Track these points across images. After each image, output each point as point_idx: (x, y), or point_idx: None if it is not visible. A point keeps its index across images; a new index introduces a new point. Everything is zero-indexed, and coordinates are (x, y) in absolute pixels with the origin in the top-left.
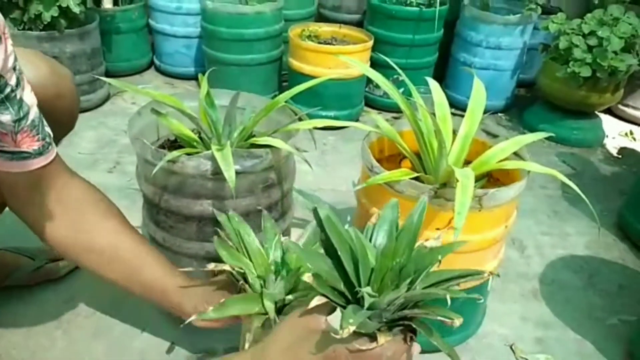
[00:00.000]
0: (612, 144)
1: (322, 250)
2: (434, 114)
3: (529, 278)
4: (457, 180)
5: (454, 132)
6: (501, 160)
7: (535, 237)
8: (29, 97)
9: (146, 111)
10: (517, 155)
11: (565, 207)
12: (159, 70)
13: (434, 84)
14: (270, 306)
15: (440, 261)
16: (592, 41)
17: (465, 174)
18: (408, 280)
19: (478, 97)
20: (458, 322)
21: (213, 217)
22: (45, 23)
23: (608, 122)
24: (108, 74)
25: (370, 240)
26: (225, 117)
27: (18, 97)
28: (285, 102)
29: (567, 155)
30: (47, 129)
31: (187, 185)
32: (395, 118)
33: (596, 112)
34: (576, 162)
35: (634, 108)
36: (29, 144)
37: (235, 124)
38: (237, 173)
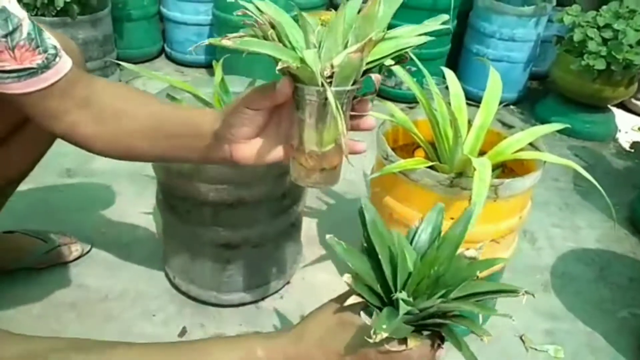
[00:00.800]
0: (625, 139)
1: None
2: (449, 104)
3: (540, 270)
4: (474, 170)
5: (469, 122)
6: (517, 151)
7: (546, 229)
8: (17, 10)
9: (161, 97)
10: (532, 146)
11: (577, 200)
12: (169, 57)
13: (449, 74)
14: (315, 61)
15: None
16: (607, 34)
17: (483, 163)
18: (444, 291)
19: (494, 88)
20: (487, 340)
21: (228, 202)
22: (58, 9)
23: (620, 117)
24: (120, 59)
25: (411, 243)
26: None
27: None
28: None
29: (579, 148)
30: (50, 41)
31: (204, 170)
32: (410, 108)
33: (609, 106)
34: (588, 156)
35: None
36: (31, 59)
37: None
38: None
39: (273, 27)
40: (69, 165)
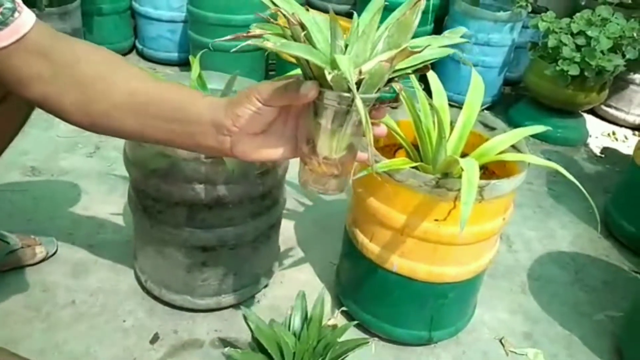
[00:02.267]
0: (595, 144)
1: None
2: (431, 104)
3: (517, 273)
4: (461, 170)
5: (451, 124)
6: (500, 153)
7: (522, 232)
8: None
9: None
10: (514, 148)
11: (551, 204)
12: (141, 54)
13: (431, 75)
14: (348, 66)
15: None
16: (580, 40)
17: (470, 164)
18: (320, 358)
19: (476, 89)
20: None
21: (204, 202)
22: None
23: (591, 122)
24: None
25: (289, 328)
26: None
27: None
28: None
29: (552, 153)
30: None
31: (179, 168)
32: (392, 107)
33: (580, 112)
34: (560, 160)
35: (616, 109)
36: None
37: None
38: None
39: (303, 28)
40: (34, 163)
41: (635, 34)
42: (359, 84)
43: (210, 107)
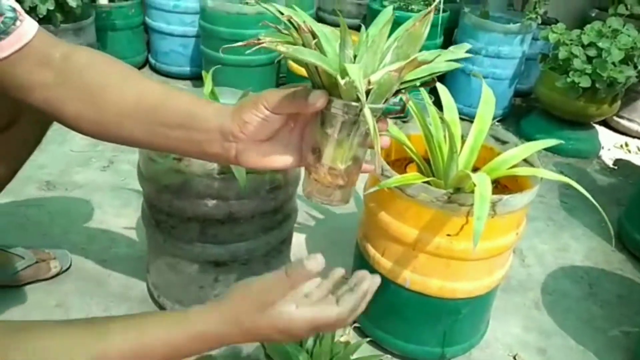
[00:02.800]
0: (608, 156)
1: None
2: (442, 118)
3: (531, 287)
4: (474, 185)
5: (462, 138)
6: (512, 167)
7: (535, 246)
8: None
9: None
10: (526, 162)
11: (564, 217)
12: (153, 68)
13: (442, 88)
14: (359, 75)
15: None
16: (592, 52)
17: (483, 178)
18: None
19: (487, 103)
20: None
21: (217, 218)
22: (41, 16)
23: (603, 134)
24: None
25: (301, 345)
26: None
27: None
28: None
29: (564, 165)
30: (9, 2)
31: (192, 184)
32: (404, 121)
33: (592, 123)
34: (573, 173)
35: (629, 120)
36: None
37: None
38: (246, 173)
39: (314, 36)
40: (49, 177)
41: None
42: (367, 93)
43: (218, 114)
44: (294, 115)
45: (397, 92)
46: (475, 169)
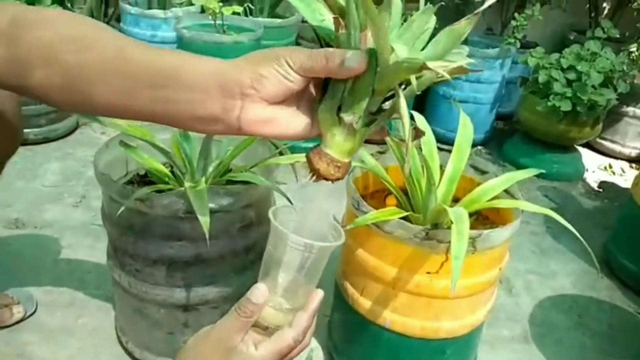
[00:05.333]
0: (592, 178)
1: None
2: (420, 149)
3: (519, 320)
4: (451, 222)
5: (441, 168)
6: (492, 199)
7: (522, 275)
8: None
9: (115, 143)
10: (507, 192)
11: (550, 243)
12: None
13: (419, 119)
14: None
15: None
16: (571, 75)
17: (460, 214)
18: None
19: (465, 132)
20: None
21: (184, 260)
22: None
23: (587, 156)
24: None
25: None
26: (200, 151)
27: None
28: None
29: (549, 189)
30: None
31: (157, 225)
32: (380, 152)
33: (575, 146)
34: (558, 197)
35: (612, 142)
36: None
37: (211, 158)
38: (212, 212)
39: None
40: (18, 215)
41: (625, 67)
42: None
43: (216, 68)
44: (316, 80)
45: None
46: (455, 200)
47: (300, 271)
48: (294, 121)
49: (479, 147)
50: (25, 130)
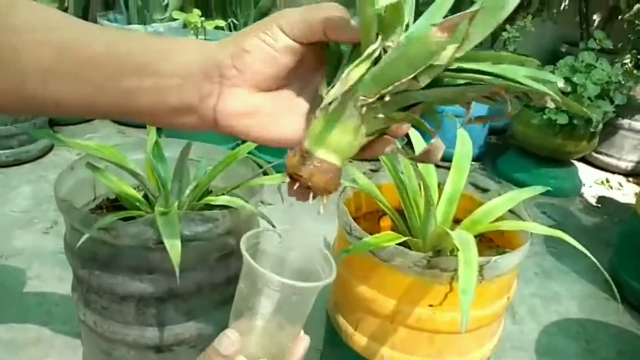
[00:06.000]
0: (590, 193)
1: None
2: (416, 166)
3: (524, 348)
4: (455, 248)
5: (439, 186)
6: (496, 220)
7: (526, 299)
8: None
9: (81, 165)
10: (512, 212)
11: (552, 264)
12: None
13: (414, 133)
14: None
15: None
16: (566, 88)
17: (466, 240)
18: None
19: (463, 148)
20: None
21: (155, 295)
22: None
23: (583, 170)
24: (53, 122)
25: None
26: (175, 172)
27: None
28: (249, 153)
29: (547, 205)
30: None
31: (124, 257)
32: (373, 170)
33: (571, 160)
34: (556, 213)
35: (608, 155)
36: None
37: (187, 180)
38: (187, 240)
39: None
40: None
41: (621, 79)
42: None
43: (202, 51)
44: (315, 52)
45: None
46: (456, 221)
47: (279, 315)
48: (285, 118)
49: (473, 162)
50: None
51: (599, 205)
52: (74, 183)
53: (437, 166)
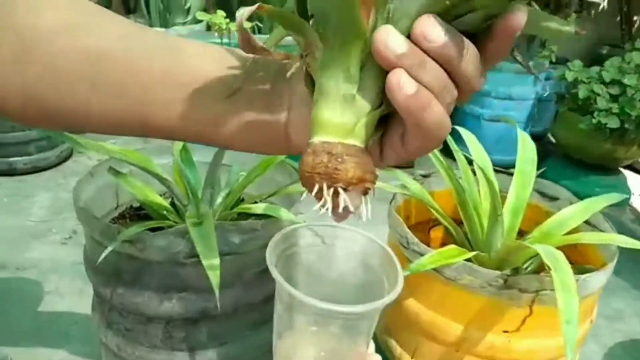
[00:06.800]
0: (639, 203)
1: None
2: (474, 172)
3: None
4: (529, 266)
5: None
6: (570, 232)
7: None
8: None
9: (102, 171)
10: (589, 224)
11: (612, 279)
12: None
13: (469, 136)
14: None
15: None
16: (614, 90)
17: (554, 256)
18: None
19: (526, 152)
20: None
21: (186, 317)
22: None
23: (630, 179)
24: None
25: None
26: (207, 178)
27: None
28: (286, 156)
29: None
30: None
31: (151, 273)
32: (424, 176)
33: (619, 168)
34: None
35: None
36: None
37: (219, 187)
38: (222, 255)
39: None
40: None
41: None
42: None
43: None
44: None
45: None
46: (520, 233)
47: (331, 340)
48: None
49: (512, 170)
50: (13, 159)
51: None
52: (95, 190)
53: (496, 171)
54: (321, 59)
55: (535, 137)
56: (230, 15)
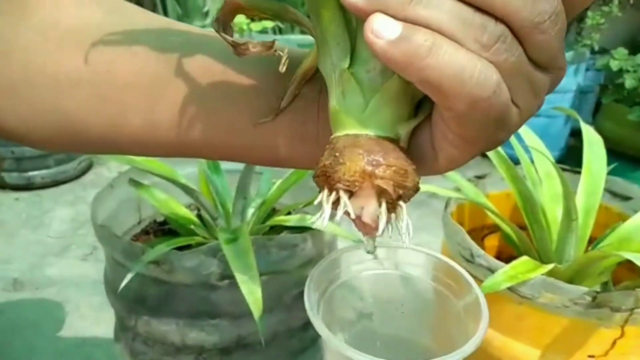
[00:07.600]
0: None
1: None
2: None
3: None
4: (605, 272)
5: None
6: None
7: None
8: None
9: (122, 183)
10: None
11: None
12: None
13: (524, 129)
14: None
15: None
16: None
17: None
18: None
19: (592, 146)
20: None
21: (220, 346)
22: None
23: None
24: None
25: None
26: (238, 188)
27: None
28: None
29: None
30: None
31: (180, 297)
32: (479, 177)
33: None
34: None
35: None
36: None
37: (250, 197)
38: (260, 275)
39: None
40: (16, 274)
41: None
42: None
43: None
44: None
45: None
46: (590, 240)
47: None
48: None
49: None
50: (31, 173)
51: None
52: (115, 204)
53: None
54: (315, 40)
55: (579, 132)
56: (250, 17)
